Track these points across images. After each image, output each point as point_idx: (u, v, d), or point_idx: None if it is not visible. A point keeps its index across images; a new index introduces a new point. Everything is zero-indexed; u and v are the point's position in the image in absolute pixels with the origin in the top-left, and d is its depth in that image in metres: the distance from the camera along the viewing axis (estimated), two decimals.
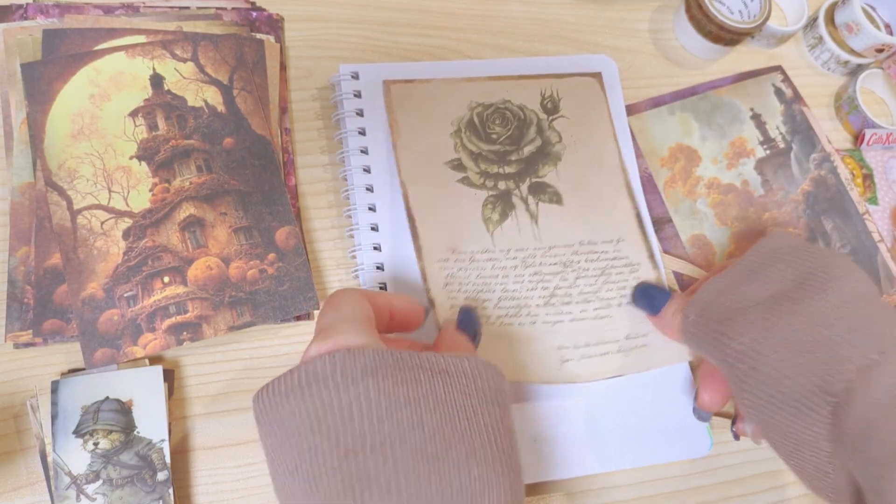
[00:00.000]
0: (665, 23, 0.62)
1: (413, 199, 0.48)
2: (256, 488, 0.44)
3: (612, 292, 0.49)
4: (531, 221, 0.50)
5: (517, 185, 0.51)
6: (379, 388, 0.30)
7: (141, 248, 0.45)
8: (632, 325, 0.49)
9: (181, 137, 0.47)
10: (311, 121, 0.52)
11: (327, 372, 0.31)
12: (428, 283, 0.47)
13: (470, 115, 0.52)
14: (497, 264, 0.48)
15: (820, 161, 0.58)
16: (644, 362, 0.48)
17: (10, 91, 0.47)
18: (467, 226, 0.49)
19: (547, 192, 0.51)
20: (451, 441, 0.30)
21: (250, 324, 0.45)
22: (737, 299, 0.40)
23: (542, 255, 0.49)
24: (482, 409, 0.32)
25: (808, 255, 0.40)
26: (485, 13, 0.59)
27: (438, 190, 0.49)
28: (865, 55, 0.62)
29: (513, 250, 0.49)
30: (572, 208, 0.51)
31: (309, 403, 0.30)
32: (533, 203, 0.50)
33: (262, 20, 0.53)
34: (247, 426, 0.45)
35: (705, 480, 0.49)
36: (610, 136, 0.54)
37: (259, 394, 0.32)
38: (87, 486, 0.40)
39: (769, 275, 0.40)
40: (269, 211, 0.47)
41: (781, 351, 0.36)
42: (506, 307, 0.48)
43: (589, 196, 0.52)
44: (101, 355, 0.43)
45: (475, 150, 0.51)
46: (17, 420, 0.42)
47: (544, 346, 0.47)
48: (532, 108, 0.53)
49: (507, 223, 0.49)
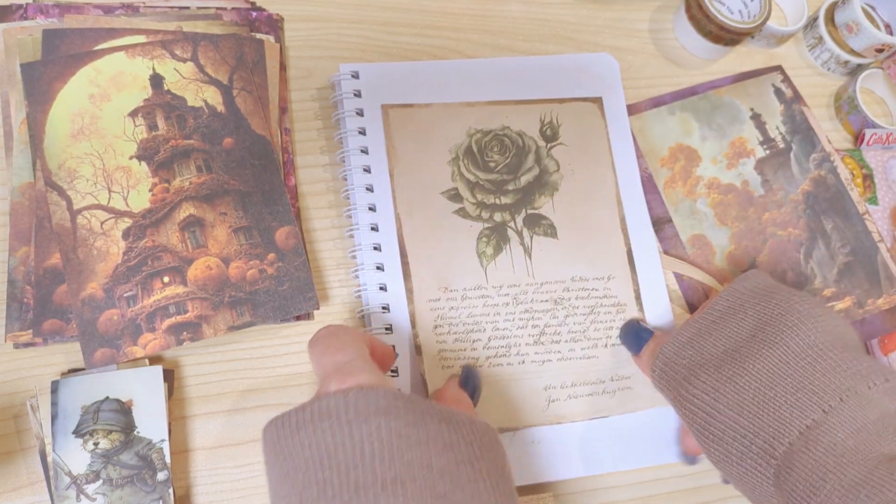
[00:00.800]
0: (665, 23, 0.62)
1: (407, 234, 0.48)
2: (256, 488, 0.44)
3: (599, 332, 0.49)
4: (525, 255, 0.50)
5: (513, 217, 0.50)
6: (391, 428, 0.31)
7: (141, 248, 0.45)
8: (616, 367, 0.49)
9: (181, 137, 0.47)
10: (310, 121, 0.52)
11: (340, 408, 0.31)
12: (416, 328, 0.47)
13: (468, 142, 0.51)
14: (489, 301, 0.48)
15: (820, 161, 0.58)
16: (628, 404, 0.48)
17: (9, 91, 0.47)
18: (461, 261, 0.49)
19: (542, 224, 0.51)
20: (457, 482, 0.31)
21: (250, 324, 0.45)
22: (697, 353, 0.41)
23: (533, 291, 0.49)
24: (484, 455, 0.33)
25: (769, 301, 0.40)
26: (485, 13, 0.59)
27: (433, 223, 0.49)
28: (865, 55, 0.62)
29: (505, 286, 0.49)
30: (566, 242, 0.51)
31: (321, 438, 0.31)
32: (528, 236, 0.50)
33: (262, 20, 0.53)
34: (247, 426, 0.45)
35: (703, 481, 0.49)
36: (608, 166, 0.53)
37: (269, 425, 0.33)
38: (87, 486, 0.40)
39: (729, 326, 0.41)
40: (269, 211, 0.47)
41: (731, 410, 0.37)
42: (495, 346, 0.48)
43: (583, 230, 0.51)
44: (101, 355, 0.43)
45: (472, 179, 0.51)
46: (17, 420, 0.42)
47: (532, 387, 0.47)
48: (531, 136, 0.53)
49: (500, 257, 0.49)
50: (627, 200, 0.53)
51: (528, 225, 0.50)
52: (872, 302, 0.54)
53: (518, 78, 0.54)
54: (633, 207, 0.53)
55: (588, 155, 0.53)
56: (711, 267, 0.54)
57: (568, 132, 0.53)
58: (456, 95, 0.53)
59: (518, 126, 0.53)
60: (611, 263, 0.51)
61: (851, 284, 0.55)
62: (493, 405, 0.46)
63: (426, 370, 0.46)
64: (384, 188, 0.49)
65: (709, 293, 0.53)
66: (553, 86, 0.55)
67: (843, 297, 0.54)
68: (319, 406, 0.32)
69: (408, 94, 0.52)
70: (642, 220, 0.53)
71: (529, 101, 0.54)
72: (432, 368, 0.46)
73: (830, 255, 0.55)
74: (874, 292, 0.54)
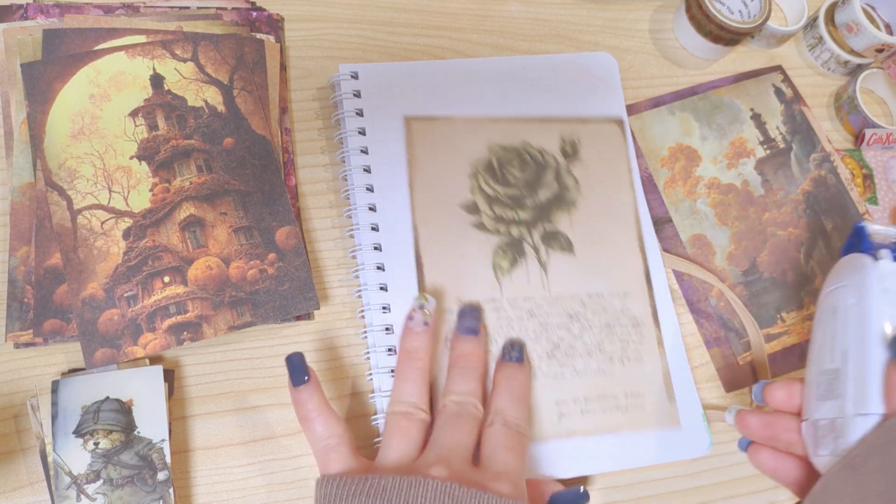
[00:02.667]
0: (665, 23, 0.62)
1: (423, 244, 0.48)
2: (256, 488, 0.44)
3: (614, 346, 0.49)
4: (541, 270, 0.49)
5: (530, 232, 0.50)
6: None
7: (141, 248, 0.45)
8: (631, 383, 0.48)
9: (181, 137, 0.47)
10: (311, 121, 0.52)
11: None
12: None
13: (489, 157, 0.51)
14: (502, 314, 0.48)
15: (820, 161, 0.58)
16: (639, 422, 0.48)
17: (10, 91, 0.47)
18: (476, 272, 0.49)
19: (559, 240, 0.51)
20: None
21: (250, 324, 0.45)
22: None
23: (548, 305, 0.49)
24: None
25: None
26: (485, 13, 0.59)
27: (450, 233, 0.49)
28: (865, 55, 0.62)
29: (519, 300, 0.48)
30: (583, 259, 0.50)
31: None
32: (544, 252, 0.50)
33: (262, 20, 0.53)
34: (247, 426, 0.45)
35: (705, 480, 0.49)
36: (627, 186, 0.53)
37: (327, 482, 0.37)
38: (88, 485, 0.40)
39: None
40: (270, 211, 0.47)
41: None
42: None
43: (601, 247, 0.51)
44: (102, 355, 0.43)
45: (491, 194, 0.51)
46: (17, 420, 0.42)
47: (544, 401, 0.47)
48: (551, 153, 0.53)
49: (516, 271, 0.49)
50: (645, 219, 0.53)
51: (545, 240, 0.50)
52: None
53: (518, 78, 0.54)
54: (651, 227, 0.53)
55: (608, 175, 0.53)
56: (712, 267, 0.54)
57: (588, 151, 0.53)
58: (456, 96, 0.53)
59: (539, 142, 0.53)
60: (627, 281, 0.51)
61: None
62: None
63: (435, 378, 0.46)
64: (401, 198, 0.49)
65: (709, 293, 0.53)
66: (554, 86, 0.55)
67: None
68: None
69: (408, 95, 0.52)
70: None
71: (552, 119, 0.54)
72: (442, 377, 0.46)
73: (830, 255, 0.55)
74: None
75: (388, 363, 0.45)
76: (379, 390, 0.45)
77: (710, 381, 0.52)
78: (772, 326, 0.53)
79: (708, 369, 0.52)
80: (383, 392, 0.45)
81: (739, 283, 0.54)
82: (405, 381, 0.42)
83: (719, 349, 0.52)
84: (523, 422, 0.42)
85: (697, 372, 0.51)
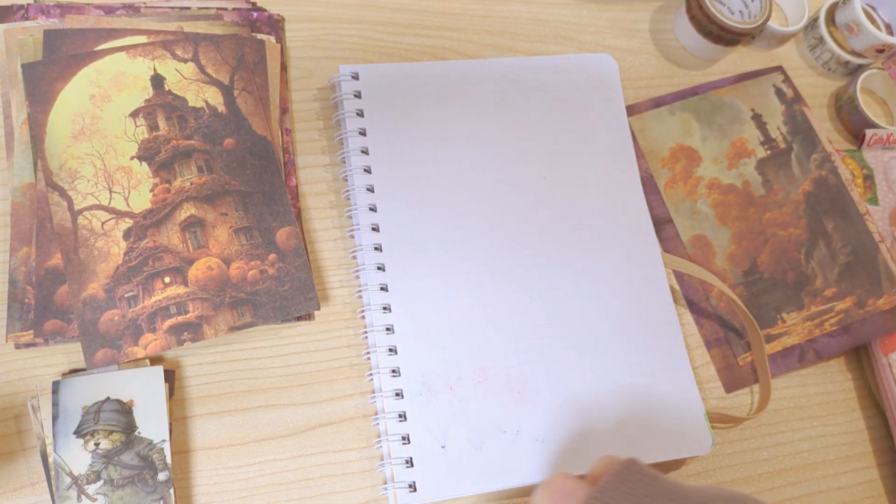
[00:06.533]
0: (665, 23, 0.62)
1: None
2: (257, 488, 0.44)
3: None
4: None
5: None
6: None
7: (142, 249, 0.45)
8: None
9: (182, 138, 0.47)
10: (311, 121, 0.52)
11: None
12: None
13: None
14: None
15: (820, 161, 0.58)
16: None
17: (11, 91, 0.47)
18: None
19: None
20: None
21: (251, 324, 0.45)
22: None
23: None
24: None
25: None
26: (485, 13, 0.59)
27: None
28: (866, 55, 0.62)
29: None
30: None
31: None
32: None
33: (263, 20, 0.53)
34: (248, 427, 0.45)
35: (705, 480, 0.49)
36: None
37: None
38: (88, 486, 0.40)
39: None
40: (270, 211, 0.47)
41: None
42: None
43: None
44: (102, 355, 0.43)
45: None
46: (17, 420, 0.42)
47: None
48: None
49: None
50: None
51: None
52: (873, 302, 0.54)
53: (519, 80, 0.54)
54: (651, 228, 0.54)
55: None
56: (712, 267, 0.54)
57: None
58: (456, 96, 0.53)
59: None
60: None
61: (852, 284, 0.55)
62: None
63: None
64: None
65: (709, 293, 0.53)
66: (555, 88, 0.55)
67: (843, 298, 0.54)
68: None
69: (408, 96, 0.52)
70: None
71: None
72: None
73: (831, 256, 0.55)
74: (875, 292, 0.54)
75: (389, 363, 0.45)
76: (379, 391, 0.45)
77: (710, 382, 0.52)
78: (772, 327, 0.53)
79: (708, 369, 0.52)
80: (383, 392, 0.45)
81: (740, 283, 0.54)
82: None
83: (720, 349, 0.52)
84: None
85: (698, 372, 0.51)
